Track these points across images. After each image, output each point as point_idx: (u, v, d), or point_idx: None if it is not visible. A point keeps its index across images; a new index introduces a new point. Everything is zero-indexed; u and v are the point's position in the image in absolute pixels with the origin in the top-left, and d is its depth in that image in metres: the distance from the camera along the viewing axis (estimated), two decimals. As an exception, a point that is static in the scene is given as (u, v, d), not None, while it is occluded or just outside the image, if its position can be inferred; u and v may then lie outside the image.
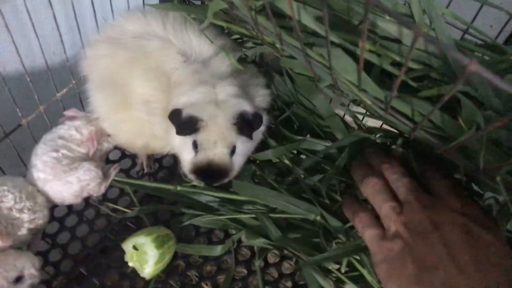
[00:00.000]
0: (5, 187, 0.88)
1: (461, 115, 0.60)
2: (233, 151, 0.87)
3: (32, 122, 1.02)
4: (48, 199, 0.95)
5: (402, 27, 0.69)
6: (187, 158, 0.89)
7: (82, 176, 0.95)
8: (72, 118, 1.01)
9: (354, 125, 1.00)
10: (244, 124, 0.86)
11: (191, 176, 0.90)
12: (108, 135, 1.03)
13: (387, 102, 0.64)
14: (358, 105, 0.84)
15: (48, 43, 1.08)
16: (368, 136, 0.87)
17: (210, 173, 0.86)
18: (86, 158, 0.98)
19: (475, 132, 0.57)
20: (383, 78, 0.69)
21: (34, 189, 0.93)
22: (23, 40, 1.08)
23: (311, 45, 0.71)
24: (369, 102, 0.66)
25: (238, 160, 0.90)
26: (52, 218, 0.99)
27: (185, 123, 0.85)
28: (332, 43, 0.67)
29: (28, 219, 0.90)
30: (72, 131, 0.98)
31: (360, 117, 0.97)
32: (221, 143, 0.85)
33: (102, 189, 1.00)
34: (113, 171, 1.04)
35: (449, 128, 0.62)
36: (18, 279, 0.83)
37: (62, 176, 0.93)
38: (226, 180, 0.90)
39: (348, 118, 1.03)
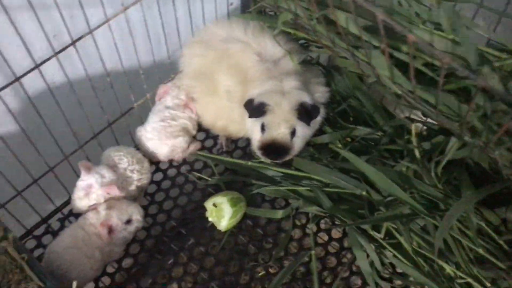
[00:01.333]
0: (121, 153, 1.17)
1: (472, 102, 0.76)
2: (293, 133, 1.08)
3: (140, 106, 1.31)
4: (146, 155, 1.23)
5: (433, 35, 0.86)
6: (256, 137, 1.12)
7: (177, 144, 1.24)
8: (165, 92, 1.28)
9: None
10: (304, 112, 1.07)
11: (258, 153, 1.12)
12: None
13: (414, 92, 0.82)
14: (399, 97, 1.01)
15: (151, 44, 1.37)
16: (405, 123, 1.04)
17: (273, 149, 1.08)
18: (188, 124, 1.26)
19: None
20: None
21: (142, 157, 1.22)
22: (138, 43, 1.37)
23: (358, 48, 0.90)
24: (399, 92, 0.84)
25: (298, 142, 1.11)
26: (152, 181, 1.27)
27: (256, 108, 1.07)
28: (373, 46, 0.86)
29: (137, 178, 1.18)
30: (175, 100, 1.26)
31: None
32: (283, 125, 1.06)
33: (181, 157, 1.28)
34: (192, 147, 1.30)
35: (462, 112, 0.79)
36: (128, 222, 1.11)
37: (162, 139, 1.22)
38: (286, 158, 1.11)
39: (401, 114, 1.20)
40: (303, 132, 1.11)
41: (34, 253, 1.15)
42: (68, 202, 1.23)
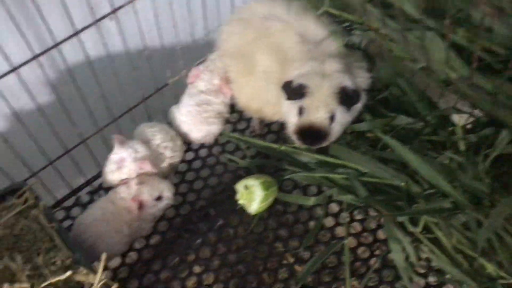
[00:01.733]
0: (155, 129, 1.16)
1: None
2: (332, 118, 1.04)
3: (175, 83, 1.29)
4: (179, 134, 1.22)
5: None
6: (292, 121, 1.07)
7: (212, 130, 1.22)
8: (198, 74, 1.26)
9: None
10: (344, 96, 1.02)
11: (293, 137, 1.08)
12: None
13: (471, 77, 0.77)
14: (447, 85, 0.96)
15: (190, 23, 1.34)
16: (450, 113, 0.99)
17: (310, 134, 1.03)
18: (222, 109, 1.24)
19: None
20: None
21: (175, 135, 1.20)
22: (177, 18, 1.35)
23: (409, 30, 0.86)
24: (454, 76, 0.79)
25: (336, 128, 1.06)
26: (183, 160, 1.25)
27: (294, 90, 1.03)
28: (428, 27, 0.81)
29: (169, 156, 1.16)
30: (208, 85, 1.23)
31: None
32: (322, 109, 1.02)
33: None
34: None
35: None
36: (159, 198, 1.09)
37: (197, 124, 1.19)
38: (323, 144, 1.06)
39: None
40: (343, 117, 1.06)
41: (62, 224, 1.14)
42: (98, 175, 1.22)
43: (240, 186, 1.13)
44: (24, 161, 1.06)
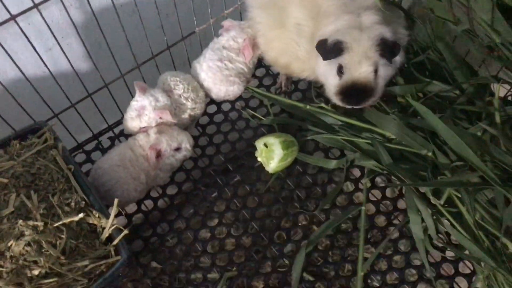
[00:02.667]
0: (178, 78, 1.13)
1: None
2: (376, 72, 0.96)
3: (202, 31, 1.24)
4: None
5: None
6: (332, 82, 1.00)
7: (230, 90, 1.20)
8: (228, 27, 1.21)
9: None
10: (385, 47, 0.94)
11: (336, 99, 1.01)
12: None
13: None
14: (491, 51, 0.89)
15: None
16: (490, 82, 0.91)
17: (355, 93, 0.96)
18: (244, 69, 1.20)
19: None
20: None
21: (198, 86, 1.17)
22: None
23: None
24: (498, 40, 0.72)
25: (380, 83, 0.99)
26: (205, 112, 1.23)
27: (330, 48, 0.96)
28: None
29: (190, 107, 1.14)
30: (230, 41, 1.19)
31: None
32: (365, 62, 0.94)
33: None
34: None
35: None
36: (177, 149, 1.08)
37: (217, 83, 1.17)
38: (370, 102, 0.99)
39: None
40: (385, 71, 0.98)
41: (82, 167, 1.16)
42: (120, 122, 1.22)
43: (260, 143, 1.11)
44: (47, 103, 1.06)
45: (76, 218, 0.88)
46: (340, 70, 0.98)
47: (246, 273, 1.02)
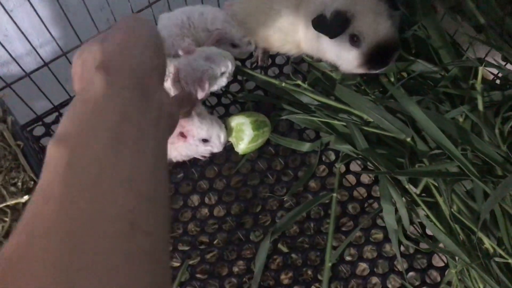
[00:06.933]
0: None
1: None
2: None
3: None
4: None
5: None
6: (349, 56, 0.91)
7: None
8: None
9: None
10: None
11: (361, 70, 0.92)
12: None
13: (504, 23, 0.63)
14: (480, 32, 0.81)
15: None
16: (476, 66, 0.85)
17: (383, 53, 0.88)
18: None
19: None
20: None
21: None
22: None
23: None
24: (483, 21, 0.65)
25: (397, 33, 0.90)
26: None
27: (334, 22, 0.87)
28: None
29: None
30: None
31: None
32: (380, 18, 0.86)
33: None
34: None
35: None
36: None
37: None
38: (397, 53, 0.90)
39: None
40: (395, 21, 0.91)
41: (41, 140, 1.08)
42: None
43: (229, 123, 1.04)
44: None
45: (22, 200, 0.81)
46: (355, 39, 0.88)
47: (209, 260, 0.97)
